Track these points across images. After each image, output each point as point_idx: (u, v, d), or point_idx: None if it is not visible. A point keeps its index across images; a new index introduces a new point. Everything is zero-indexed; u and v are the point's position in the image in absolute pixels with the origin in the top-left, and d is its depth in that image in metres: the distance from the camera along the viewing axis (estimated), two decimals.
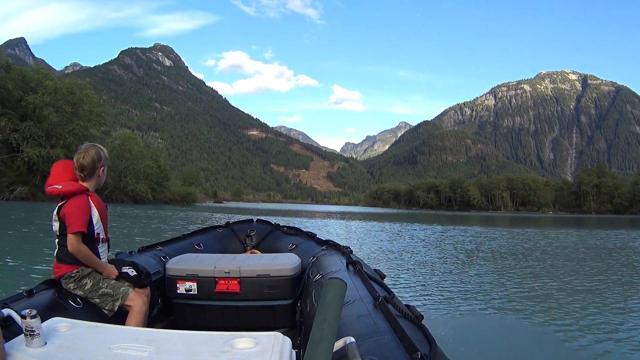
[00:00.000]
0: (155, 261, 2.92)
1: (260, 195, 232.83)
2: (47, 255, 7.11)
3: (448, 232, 19.98)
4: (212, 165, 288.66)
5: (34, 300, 1.86)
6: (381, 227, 21.99)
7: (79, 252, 2.09)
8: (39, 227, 12.55)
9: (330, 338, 1.05)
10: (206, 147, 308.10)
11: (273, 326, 2.69)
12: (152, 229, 15.39)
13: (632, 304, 5.81)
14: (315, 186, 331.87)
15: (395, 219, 33.87)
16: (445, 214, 70.47)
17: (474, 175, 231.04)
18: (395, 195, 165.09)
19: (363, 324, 1.53)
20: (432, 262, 9.21)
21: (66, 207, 2.10)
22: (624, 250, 13.05)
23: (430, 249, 11.93)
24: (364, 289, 1.99)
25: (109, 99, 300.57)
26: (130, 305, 2.17)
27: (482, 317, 5.00)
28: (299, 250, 3.58)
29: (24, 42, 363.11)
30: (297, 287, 2.85)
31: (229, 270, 2.76)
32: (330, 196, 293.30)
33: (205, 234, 3.98)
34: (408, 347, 1.26)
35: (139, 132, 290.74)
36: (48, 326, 1.31)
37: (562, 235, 19.93)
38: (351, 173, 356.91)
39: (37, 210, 21.31)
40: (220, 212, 34.57)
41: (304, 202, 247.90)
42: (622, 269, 9.06)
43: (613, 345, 3.92)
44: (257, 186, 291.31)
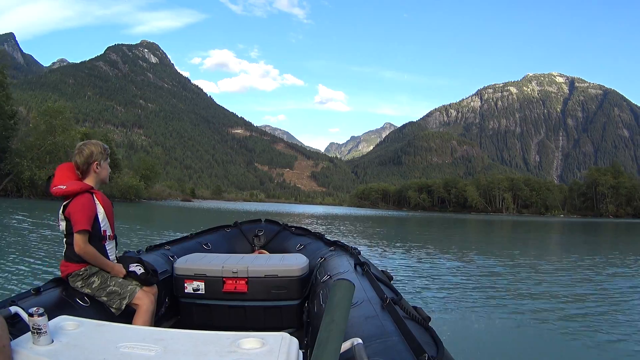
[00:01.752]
0: (163, 260, 2.93)
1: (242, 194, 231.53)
2: (51, 253, 7.34)
3: (455, 236, 19.75)
4: (196, 163, 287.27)
5: (42, 298, 1.87)
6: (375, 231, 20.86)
7: (86, 253, 2.11)
8: (47, 226, 12.46)
9: (338, 339, 1.04)
10: (190, 144, 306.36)
11: (280, 326, 2.68)
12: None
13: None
14: (299, 185, 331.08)
15: (387, 223, 31.62)
16: (445, 216, 65.11)
17: (460, 176, 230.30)
18: (384, 196, 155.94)
19: (370, 326, 1.53)
20: (439, 264, 9.20)
21: (71, 206, 2.13)
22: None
23: (438, 251, 11.98)
24: (371, 290, 1.98)
25: (93, 95, 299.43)
26: (137, 304, 2.17)
27: (490, 320, 4.95)
28: (307, 250, 3.56)
29: (12, 38, 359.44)
30: (304, 287, 2.84)
31: (236, 270, 2.77)
32: (314, 196, 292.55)
33: (213, 234, 3.98)
34: (415, 349, 1.26)
35: (123, 128, 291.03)
36: (55, 324, 1.32)
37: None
38: (335, 173, 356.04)
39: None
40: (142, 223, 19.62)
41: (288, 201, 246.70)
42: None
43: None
44: (241, 185, 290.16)
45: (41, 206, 23.65)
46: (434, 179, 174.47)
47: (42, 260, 6.87)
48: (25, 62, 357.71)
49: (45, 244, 8.87)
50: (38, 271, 5.99)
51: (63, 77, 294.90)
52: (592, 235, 27.48)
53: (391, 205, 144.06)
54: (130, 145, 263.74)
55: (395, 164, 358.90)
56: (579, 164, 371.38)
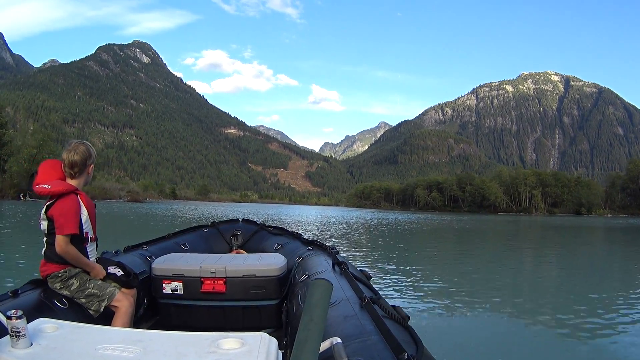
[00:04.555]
0: (141, 261, 2.92)
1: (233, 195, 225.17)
2: (28, 253, 7.47)
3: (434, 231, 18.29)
4: (188, 164, 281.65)
5: (20, 301, 1.85)
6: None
7: (67, 253, 2.06)
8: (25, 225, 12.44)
9: (317, 339, 1.05)
10: (182, 145, 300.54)
11: (259, 326, 2.69)
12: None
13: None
14: (293, 186, 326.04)
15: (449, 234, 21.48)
16: (482, 218, 53.65)
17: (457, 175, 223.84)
18: (387, 195, 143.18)
19: (349, 325, 1.52)
20: (418, 264, 9.22)
21: (56, 207, 2.06)
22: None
23: (416, 250, 11.96)
24: (350, 289, 1.98)
25: (83, 95, 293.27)
26: (116, 305, 2.16)
27: (469, 318, 5.01)
28: (285, 250, 3.57)
29: (1, 38, 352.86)
30: (283, 287, 2.85)
31: (214, 270, 2.75)
32: (309, 196, 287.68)
33: (190, 234, 3.97)
34: (394, 348, 1.26)
35: (114, 129, 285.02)
36: (34, 327, 1.31)
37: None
38: (330, 173, 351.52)
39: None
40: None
41: (281, 202, 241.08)
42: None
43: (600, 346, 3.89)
44: (234, 185, 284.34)
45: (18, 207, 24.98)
46: (444, 175, 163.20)
47: (20, 261, 6.88)
48: (14, 63, 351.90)
49: (23, 243, 8.88)
50: (15, 272, 6.01)
51: (52, 77, 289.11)
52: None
53: (395, 205, 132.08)
54: (121, 145, 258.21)
55: (391, 163, 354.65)
56: (575, 161, 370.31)
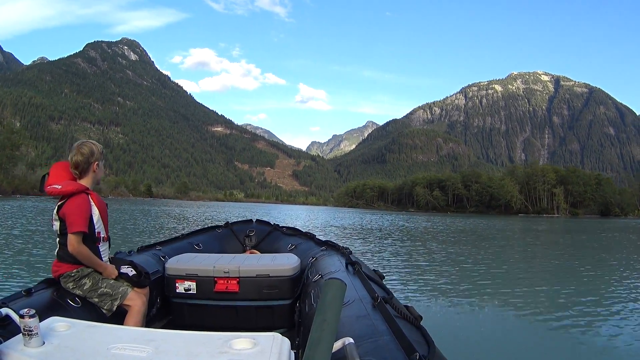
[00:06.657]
0: (154, 260, 2.94)
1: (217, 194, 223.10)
2: (42, 254, 7.46)
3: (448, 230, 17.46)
4: (174, 162, 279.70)
5: (33, 300, 1.87)
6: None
7: (79, 253, 2.10)
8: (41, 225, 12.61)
9: (329, 339, 1.04)
10: (168, 142, 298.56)
11: (272, 326, 2.68)
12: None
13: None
14: (280, 185, 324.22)
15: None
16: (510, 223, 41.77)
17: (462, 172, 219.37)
18: (381, 194, 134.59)
19: (362, 325, 1.52)
20: (431, 264, 9.09)
21: (66, 206, 2.10)
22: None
23: (430, 250, 11.79)
24: (363, 289, 1.98)
25: (70, 92, 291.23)
26: (129, 305, 2.18)
27: (481, 318, 4.95)
28: (298, 250, 3.56)
29: None
30: (296, 287, 2.85)
31: (228, 270, 2.77)
32: (296, 195, 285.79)
33: (204, 234, 4.01)
34: (406, 348, 1.26)
35: (100, 126, 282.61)
36: (46, 326, 1.31)
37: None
38: (318, 171, 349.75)
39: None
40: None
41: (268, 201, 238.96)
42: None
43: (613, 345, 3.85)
44: (220, 184, 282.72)
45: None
46: (446, 172, 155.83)
47: (33, 261, 6.91)
48: (4, 60, 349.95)
49: (37, 243, 8.95)
50: (29, 272, 6.05)
51: (40, 74, 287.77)
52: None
53: (390, 204, 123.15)
54: (107, 143, 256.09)
55: (379, 162, 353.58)
56: (566, 162, 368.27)
